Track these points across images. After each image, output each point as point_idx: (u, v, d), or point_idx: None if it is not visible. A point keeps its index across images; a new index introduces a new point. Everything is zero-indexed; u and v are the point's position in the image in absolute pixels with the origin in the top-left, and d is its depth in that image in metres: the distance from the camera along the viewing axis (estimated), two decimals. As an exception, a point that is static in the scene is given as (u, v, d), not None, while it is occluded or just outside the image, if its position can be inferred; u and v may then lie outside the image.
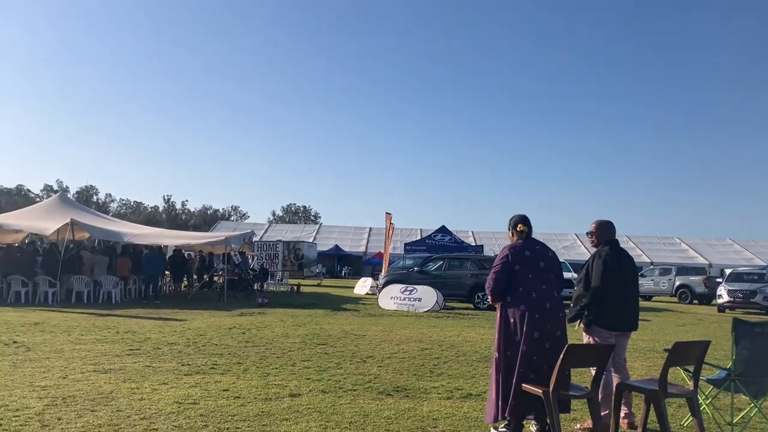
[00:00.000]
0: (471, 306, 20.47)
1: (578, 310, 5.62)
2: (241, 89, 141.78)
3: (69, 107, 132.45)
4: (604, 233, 5.86)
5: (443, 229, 32.24)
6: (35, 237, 22.45)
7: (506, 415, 5.12)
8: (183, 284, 26.49)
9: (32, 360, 8.47)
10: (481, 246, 37.91)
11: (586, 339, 5.69)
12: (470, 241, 50.59)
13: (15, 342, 10.02)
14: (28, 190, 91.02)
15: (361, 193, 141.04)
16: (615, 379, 5.55)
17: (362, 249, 57.77)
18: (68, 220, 18.99)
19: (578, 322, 5.64)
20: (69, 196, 44.37)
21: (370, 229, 62.43)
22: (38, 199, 71.41)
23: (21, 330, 11.59)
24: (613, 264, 5.57)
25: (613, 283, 5.52)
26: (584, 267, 5.78)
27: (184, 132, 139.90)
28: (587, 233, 5.99)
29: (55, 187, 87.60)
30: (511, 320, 5.21)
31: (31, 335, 10.93)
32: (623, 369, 5.67)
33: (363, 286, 29.30)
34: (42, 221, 20.55)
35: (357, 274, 48.03)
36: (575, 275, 15.88)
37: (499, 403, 5.17)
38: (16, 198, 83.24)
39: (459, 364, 9.18)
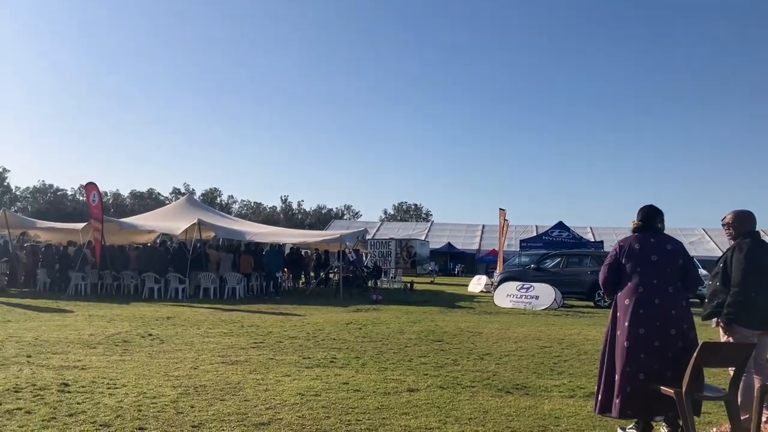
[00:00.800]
0: (591, 304, 19.77)
1: (714, 307, 5.21)
2: (352, 89, 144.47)
3: (195, 120, 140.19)
4: (743, 224, 5.39)
5: (560, 225, 31.37)
6: (166, 236, 23.90)
7: (615, 414, 4.89)
8: (301, 281, 27.32)
9: (166, 351, 9.00)
10: (601, 242, 36.55)
11: (724, 338, 5.28)
12: (589, 237, 48.93)
13: (150, 335, 10.69)
14: (159, 194, 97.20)
15: (473, 190, 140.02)
16: (756, 382, 5.13)
17: (475, 246, 57.31)
18: (195, 221, 20.11)
19: (715, 320, 5.24)
20: (195, 198, 46.95)
21: (483, 226, 61.78)
22: (168, 202, 75.98)
23: (155, 324, 12.36)
24: (755, 258, 5.11)
25: (757, 278, 5.07)
26: (720, 261, 5.35)
27: (299, 136, 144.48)
28: (723, 224, 5.53)
29: (183, 190, 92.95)
30: (618, 314, 5.03)
31: (164, 329, 11.62)
32: (766, 370, 5.23)
33: (477, 283, 29.02)
34: (171, 222, 21.89)
35: (470, 272, 47.68)
36: (705, 272, 14.96)
37: (599, 396, 5.02)
38: (147, 201, 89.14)
39: (580, 363, 8.87)
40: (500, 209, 30.29)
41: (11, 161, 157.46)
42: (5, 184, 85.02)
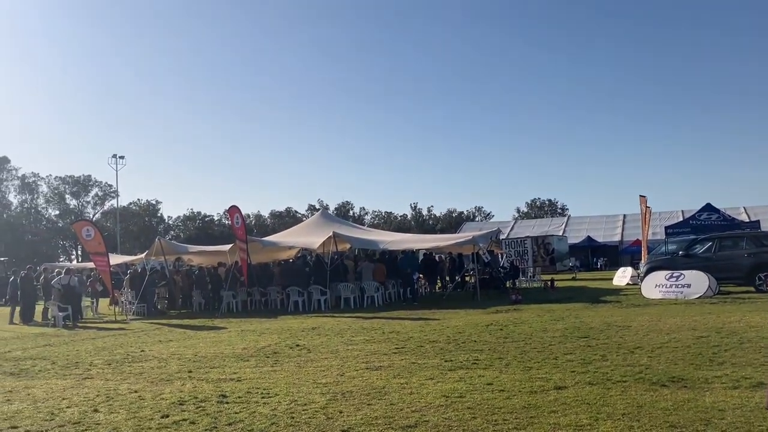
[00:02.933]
0: (751, 289, 18.24)
1: None
2: (470, 91, 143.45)
3: (324, 138, 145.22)
4: None
5: (709, 207, 29.28)
6: (305, 251, 24.83)
7: None
8: (437, 285, 27.39)
9: (313, 360, 9.33)
10: (757, 222, 33.69)
11: None
12: (742, 217, 45.27)
13: (297, 345, 11.13)
14: (296, 211, 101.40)
15: (610, 179, 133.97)
16: None
17: (617, 238, 54.84)
18: (331, 234, 20.76)
19: None
20: (329, 212, 48.50)
21: (624, 215, 58.97)
22: (304, 218, 79.13)
23: (301, 335, 12.85)
24: None
25: None
26: None
27: (425, 142, 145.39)
28: None
29: (317, 206, 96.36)
30: None
31: (310, 339, 12.06)
32: None
33: (622, 276, 27.71)
34: (309, 237, 22.75)
35: (614, 265, 45.60)
36: None
37: None
38: (285, 219, 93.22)
39: (744, 351, 8.19)
40: (641, 196, 28.73)
41: (164, 194, 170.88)
42: (159, 215, 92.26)
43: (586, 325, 11.92)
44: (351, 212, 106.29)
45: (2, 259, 44.69)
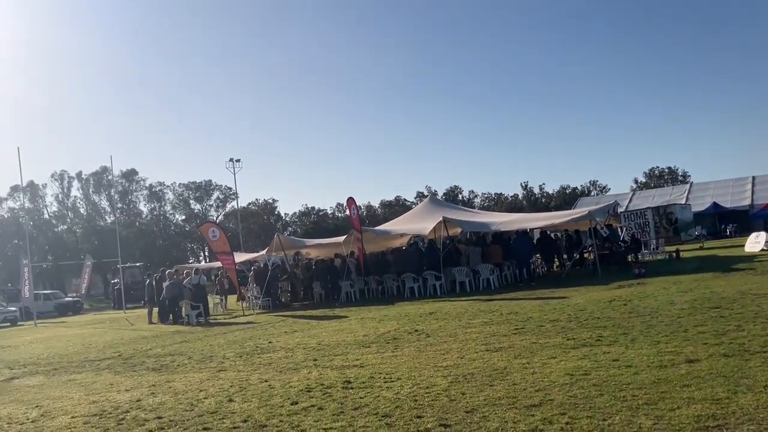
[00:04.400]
0: None
1: None
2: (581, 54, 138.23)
3: (430, 122, 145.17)
4: None
5: None
6: (416, 238, 24.98)
7: None
8: (554, 264, 26.74)
9: (432, 344, 9.40)
10: None
11: None
12: None
13: (416, 330, 11.24)
14: (405, 199, 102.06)
15: (735, 139, 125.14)
16: None
17: (746, 202, 51.25)
18: (440, 219, 20.75)
19: None
20: (438, 197, 48.50)
21: (753, 178, 55.00)
22: (413, 205, 79.55)
23: (419, 320, 12.97)
24: None
25: None
26: None
27: (531, 119, 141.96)
28: None
29: (426, 192, 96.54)
30: None
31: (428, 323, 12.14)
32: None
33: (755, 242, 25.86)
34: (419, 223, 22.87)
35: (745, 231, 42.66)
36: None
37: None
38: (395, 207, 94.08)
39: None
40: (770, 155, 26.73)
41: (279, 193, 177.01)
42: (276, 213, 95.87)
43: (717, 295, 11.27)
44: (460, 196, 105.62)
45: (138, 264, 48.07)
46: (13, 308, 34.32)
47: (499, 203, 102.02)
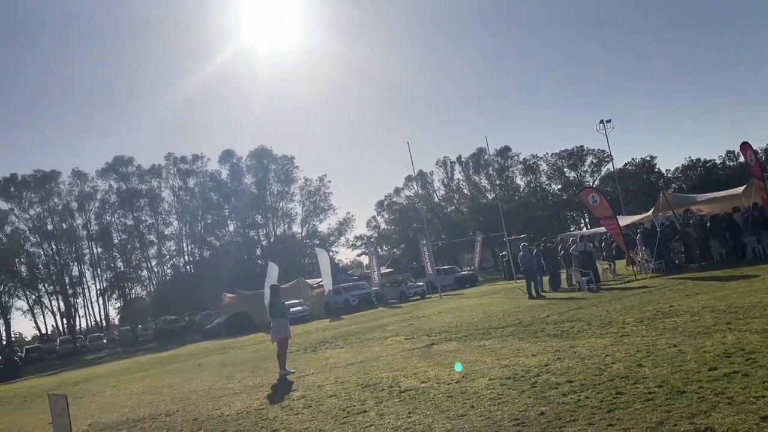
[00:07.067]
0: None
1: None
2: None
3: None
4: None
5: None
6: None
7: None
8: None
9: None
10: None
11: None
12: None
13: None
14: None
15: None
16: None
17: None
18: None
19: None
20: None
21: None
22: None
23: None
24: None
25: None
26: None
27: None
28: None
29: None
30: None
31: None
32: None
33: None
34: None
35: None
36: None
37: None
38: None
39: None
40: None
41: (656, 149, 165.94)
42: (656, 170, 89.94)
43: None
44: None
45: (522, 236, 50.05)
46: (421, 283, 39.24)
47: None
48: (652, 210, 24.13)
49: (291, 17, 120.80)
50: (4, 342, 69.55)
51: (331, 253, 67.70)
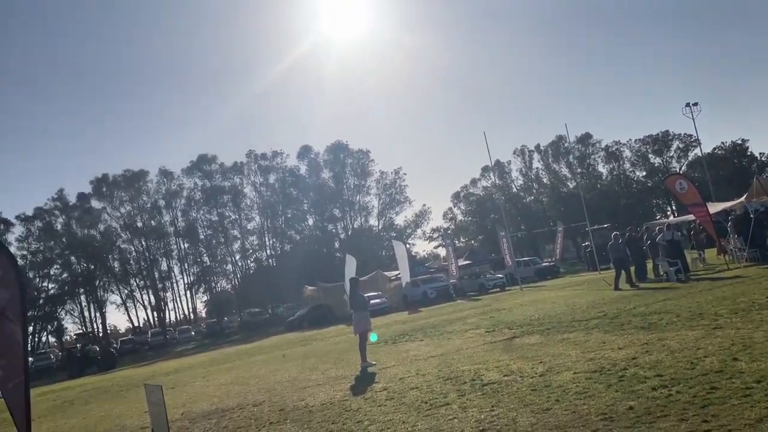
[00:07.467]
0: None
1: None
2: None
3: None
4: None
5: None
6: None
7: None
8: None
9: None
10: None
11: None
12: None
13: None
14: None
15: None
16: None
17: None
18: None
19: None
20: None
21: None
22: None
23: None
24: None
25: None
26: None
27: None
28: None
29: None
30: None
31: None
32: None
33: None
34: None
35: None
36: None
37: None
38: None
39: None
40: None
41: (749, 132, 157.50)
42: (748, 154, 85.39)
43: None
44: None
45: (605, 225, 48.63)
46: (500, 275, 38.72)
47: None
48: (745, 196, 23.03)
49: (363, 11, 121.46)
50: (101, 334, 73.51)
51: (407, 246, 67.90)
